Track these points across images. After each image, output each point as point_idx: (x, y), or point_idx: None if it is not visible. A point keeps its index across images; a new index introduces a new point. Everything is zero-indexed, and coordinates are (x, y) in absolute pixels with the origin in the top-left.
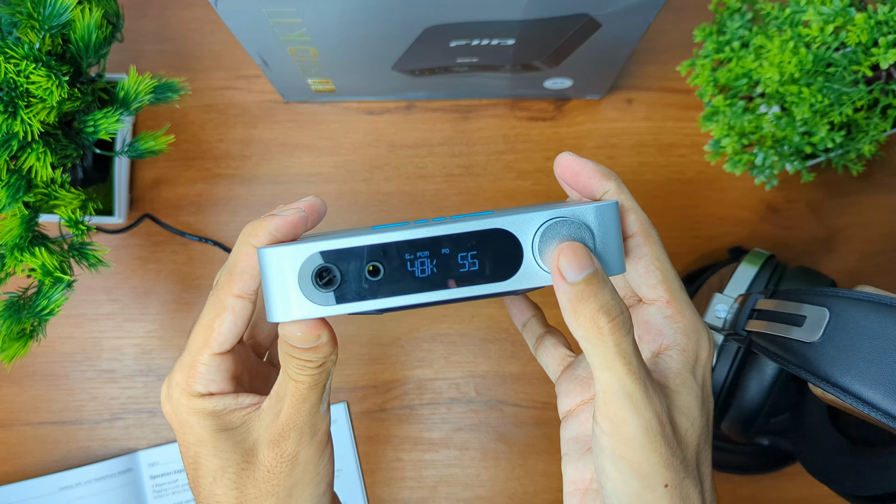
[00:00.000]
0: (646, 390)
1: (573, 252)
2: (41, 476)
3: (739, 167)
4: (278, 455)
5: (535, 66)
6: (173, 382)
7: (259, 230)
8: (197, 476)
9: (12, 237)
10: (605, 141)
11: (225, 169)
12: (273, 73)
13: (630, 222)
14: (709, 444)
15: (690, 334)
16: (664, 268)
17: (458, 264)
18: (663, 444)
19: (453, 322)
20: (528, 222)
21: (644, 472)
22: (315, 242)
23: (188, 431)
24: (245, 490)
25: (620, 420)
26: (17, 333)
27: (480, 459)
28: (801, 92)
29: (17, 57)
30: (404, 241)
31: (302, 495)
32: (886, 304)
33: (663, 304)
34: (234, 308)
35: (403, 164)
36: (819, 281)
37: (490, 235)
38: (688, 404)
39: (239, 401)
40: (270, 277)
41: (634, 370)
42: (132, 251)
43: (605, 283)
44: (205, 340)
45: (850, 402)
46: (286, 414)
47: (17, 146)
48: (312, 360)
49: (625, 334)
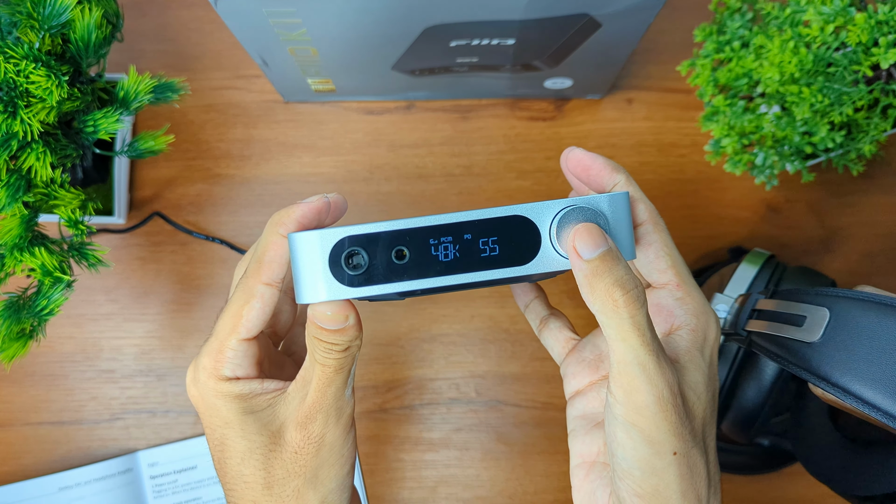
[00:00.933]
0: (658, 361)
1: (588, 232)
2: (41, 476)
3: (739, 167)
4: (305, 436)
5: (535, 66)
6: (200, 366)
7: (286, 218)
8: (224, 458)
9: (12, 237)
10: (605, 141)
11: (225, 169)
12: (273, 73)
13: (640, 211)
14: (714, 420)
15: (700, 315)
16: (672, 253)
17: (480, 249)
18: (674, 412)
19: (453, 322)
20: (546, 210)
21: (655, 440)
22: (344, 228)
23: (215, 414)
24: (273, 470)
25: (634, 389)
26: (16, 333)
27: (480, 459)
28: (802, 92)
29: (17, 57)
30: (429, 226)
31: (328, 475)
32: (886, 304)
33: (674, 287)
34: (262, 295)
35: (403, 164)
36: (819, 281)
37: (510, 222)
38: (695, 379)
39: (264, 385)
40: (301, 261)
41: (648, 342)
42: (132, 251)
43: (619, 260)
44: (234, 326)
45: (850, 402)
46: (312, 397)
47: (16, 146)
48: (339, 342)
49: (639, 307)
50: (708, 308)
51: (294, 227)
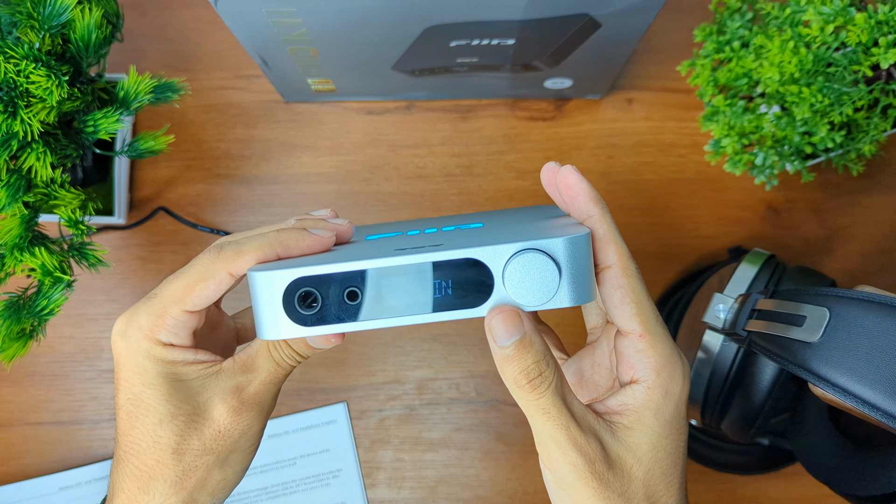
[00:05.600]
0: (569, 434)
1: (503, 320)
2: (41, 476)
3: (739, 167)
4: (235, 422)
5: (535, 66)
6: (135, 324)
7: (292, 244)
8: (136, 414)
9: (12, 237)
10: (605, 141)
11: (225, 169)
12: (273, 73)
13: (609, 253)
14: (673, 476)
15: (661, 370)
16: (639, 300)
17: (434, 290)
18: (593, 479)
19: (453, 323)
20: (500, 253)
21: (580, 502)
22: (297, 268)
23: (139, 372)
24: (188, 440)
25: (551, 459)
26: (16, 333)
27: (480, 459)
28: (802, 92)
29: (17, 57)
30: (381, 268)
31: (237, 460)
32: (886, 304)
33: (636, 337)
34: (221, 281)
35: (403, 164)
36: (819, 281)
37: (464, 264)
38: (637, 441)
39: (197, 356)
40: (259, 298)
41: (554, 418)
42: (132, 251)
43: (529, 348)
44: (181, 297)
45: (850, 402)
46: (256, 389)
47: (16, 146)
48: (308, 356)
49: (542, 392)
50: (674, 359)
51: (299, 252)
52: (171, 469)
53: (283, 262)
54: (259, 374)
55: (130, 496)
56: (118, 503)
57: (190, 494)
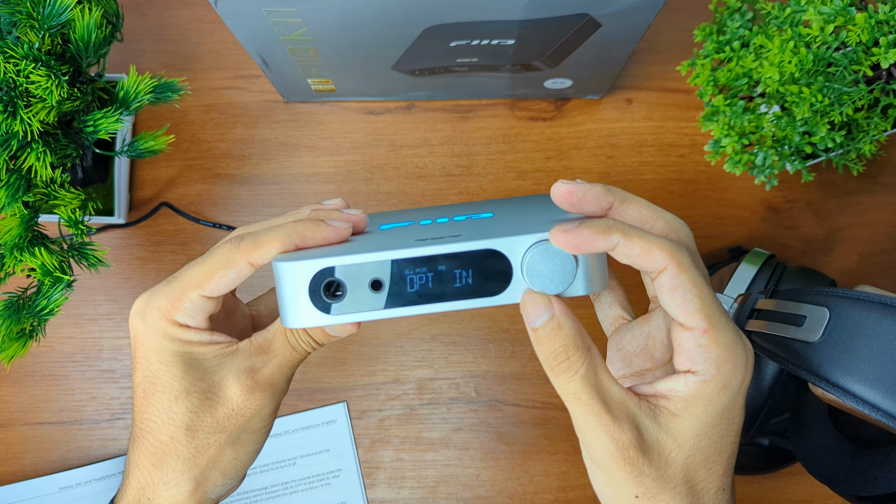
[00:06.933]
0: (600, 420)
1: (531, 302)
2: (41, 476)
3: (739, 167)
4: (248, 402)
5: (535, 66)
6: (154, 305)
7: (309, 235)
8: (153, 391)
9: (12, 237)
10: (604, 141)
11: (225, 169)
12: (273, 73)
13: (656, 257)
14: (713, 463)
15: (722, 364)
16: (702, 294)
17: (455, 279)
18: (625, 464)
19: (453, 322)
20: (519, 244)
21: (613, 483)
22: (323, 258)
23: (156, 350)
24: (202, 417)
25: (585, 441)
26: (16, 333)
27: (480, 459)
28: (802, 92)
29: (17, 57)
30: (405, 258)
31: (249, 440)
32: (886, 304)
33: (699, 333)
34: (240, 270)
35: (403, 164)
36: (819, 281)
37: (484, 255)
38: (680, 429)
39: (213, 337)
40: (284, 287)
41: (584, 403)
42: (132, 251)
43: (558, 331)
44: (200, 282)
45: (850, 402)
46: (271, 371)
47: (16, 146)
48: (324, 343)
49: (570, 377)
50: (737, 351)
51: (315, 242)
52: (185, 446)
53: (305, 251)
54: (275, 357)
55: (145, 472)
56: (133, 480)
57: (202, 472)
